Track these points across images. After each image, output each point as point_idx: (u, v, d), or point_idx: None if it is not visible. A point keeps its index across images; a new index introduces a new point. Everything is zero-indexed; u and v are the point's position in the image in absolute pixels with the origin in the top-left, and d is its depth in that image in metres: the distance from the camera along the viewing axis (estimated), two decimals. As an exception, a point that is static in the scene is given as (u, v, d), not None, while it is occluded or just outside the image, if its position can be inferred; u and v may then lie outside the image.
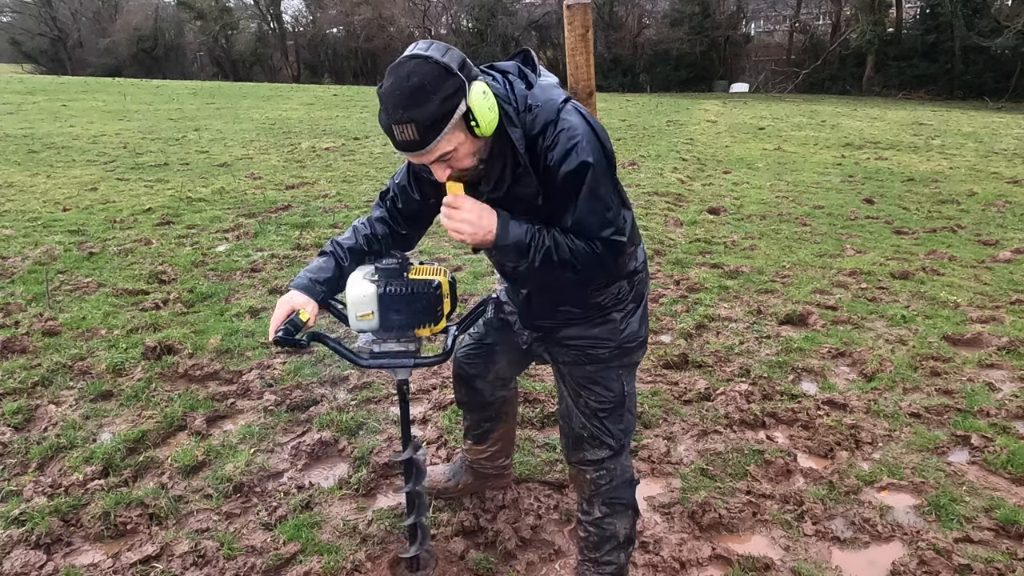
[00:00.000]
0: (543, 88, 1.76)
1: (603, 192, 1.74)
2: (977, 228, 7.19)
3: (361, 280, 1.88)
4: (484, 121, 1.60)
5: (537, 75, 1.80)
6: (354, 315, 1.88)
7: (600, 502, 2.13)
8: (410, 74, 1.55)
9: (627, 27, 39.85)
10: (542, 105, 1.71)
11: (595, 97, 2.17)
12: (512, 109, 1.69)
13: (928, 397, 3.55)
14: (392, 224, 2.06)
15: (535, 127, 1.70)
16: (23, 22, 51.95)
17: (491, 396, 2.46)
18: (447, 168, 1.68)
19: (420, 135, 1.57)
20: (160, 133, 13.42)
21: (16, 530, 2.42)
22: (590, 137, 1.71)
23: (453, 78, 1.56)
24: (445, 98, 1.55)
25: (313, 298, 1.92)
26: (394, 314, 1.87)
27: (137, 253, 5.68)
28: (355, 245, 2.02)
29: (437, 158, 1.64)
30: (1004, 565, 2.38)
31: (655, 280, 5.27)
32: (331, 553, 2.37)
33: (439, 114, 1.55)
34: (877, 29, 32.83)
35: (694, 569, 2.37)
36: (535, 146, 1.71)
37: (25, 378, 3.50)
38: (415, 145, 1.59)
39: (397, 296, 1.85)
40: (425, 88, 1.54)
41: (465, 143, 1.64)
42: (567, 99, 1.76)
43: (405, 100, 1.55)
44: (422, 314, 1.88)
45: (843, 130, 16.57)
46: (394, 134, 1.59)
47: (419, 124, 1.55)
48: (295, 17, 51.81)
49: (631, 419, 2.13)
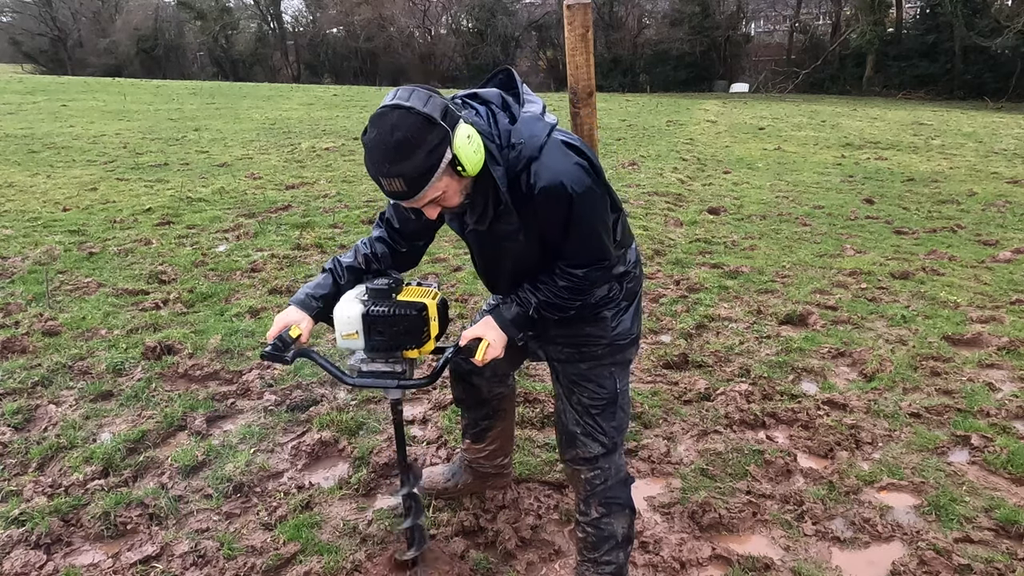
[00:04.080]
0: (526, 122, 1.76)
1: (589, 222, 1.79)
2: (977, 228, 7.19)
3: (350, 300, 1.91)
4: (470, 164, 1.64)
5: (520, 103, 1.81)
6: (340, 334, 1.90)
7: (596, 502, 2.14)
8: (394, 128, 1.57)
9: (627, 27, 39.83)
10: (525, 141, 1.73)
11: (595, 97, 2.17)
12: (496, 147, 1.72)
13: (928, 397, 3.55)
14: (391, 243, 2.09)
15: (518, 163, 1.73)
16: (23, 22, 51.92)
17: (488, 393, 2.47)
18: (438, 207, 1.74)
19: (408, 187, 1.61)
20: (160, 133, 13.42)
21: (16, 530, 2.42)
22: (573, 170, 1.73)
23: (436, 128, 1.58)
24: (430, 151, 1.58)
25: (308, 313, 1.96)
26: (377, 335, 1.89)
27: (137, 253, 5.68)
28: (353, 263, 2.05)
29: (427, 202, 1.68)
30: (1004, 565, 2.38)
31: (655, 280, 5.27)
32: (331, 553, 2.37)
33: (426, 166, 1.58)
34: (877, 29, 32.81)
35: (694, 569, 2.37)
36: (518, 182, 1.74)
37: (25, 378, 3.50)
38: (404, 195, 1.63)
39: (380, 317, 1.87)
40: (410, 142, 1.56)
41: (452, 185, 1.68)
42: (550, 131, 1.77)
43: (391, 155, 1.58)
44: (405, 336, 1.89)
45: (843, 130, 16.57)
46: (383, 185, 1.63)
47: (406, 178, 1.59)
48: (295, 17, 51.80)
49: (624, 417, 2.14)
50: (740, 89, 35.84)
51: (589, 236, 1.81)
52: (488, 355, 1.87)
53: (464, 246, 5.93)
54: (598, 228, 1.82)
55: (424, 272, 5.34)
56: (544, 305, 1.90)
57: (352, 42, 45.26)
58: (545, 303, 1.89)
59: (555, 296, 1.88)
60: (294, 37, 50.08)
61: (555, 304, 1.90)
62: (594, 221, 1.80)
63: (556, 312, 1.92)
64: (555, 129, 1.79)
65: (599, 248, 1.85)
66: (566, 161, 1.74)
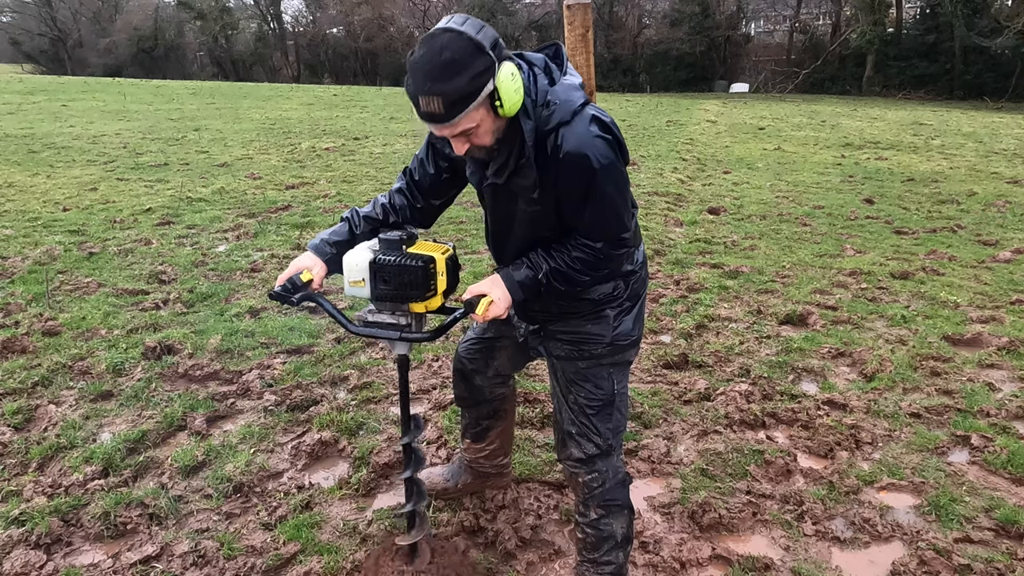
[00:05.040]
0: (564, 87, 1.76)
1: (610, 196, 1.77)
2: (977, 228, 7.18)
3: (362, 248, 1.93)
4: (509, 102, 1.64)
5: (563, 72, 1.81)
6: (347, 280, 1.92)
7: (595, 504, 2.14)
8: (443, 48, 1.57)
9: (627, 27, 39.84)
10: (560, 104, 1.73)
11: (595, 97, 2.17)
12: (530, 101, 1.71)
13: (928, 397, 3.55)
14: (409, 196, 2.10)
15: (548, 123, 1.72)
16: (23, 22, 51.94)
17: (490, 393, 2.47)
18: (466, 143, 1.72)
19: (445, 109, 1.59)
20: (160, 133, 13.42)
21: (16, 530, 2.42)
22: (599, 143, 1.73)
23: (484, 56, 1.58)
24: (474, 76, 1.57)
25: (321, 259, 2.00)
26: (382, 284, 1.89)
27: (137, 253, 5.68)
28: (371, 213, 2.08)
29: (459, 132, 1.67)
30: (1004, 565, 2.38)
31: (655, 280, 5.27)
32: (331, 553, 2.37)
33: (467, 91, 1.58)
34: (877, 29, 32.81)
35: (694, 569, 2.37)
36: (545, 143, 1.73)
37: (25, 378, 3.50)
38: (440, 118, 1.62)
39: (387, 266, 1.86)
40: (456, 63, 1.56)
41: (487, 120, 1.67)
42: (585, 102, 1.77)
43: (436, 73, 1.57)
44: (411, 288, 1.88)
45: (843, 130, 16.57)
46: (419, 105, 1.61)
47: (446, 98, 1.58)
48: (295, 17, 51.83)
49: (621, 419, 2.13)
50: (740, 89, 35.84)
51: (609, 211, 1.79)
52: (490, 312, 1.84)
53: (463, 246, 5.94)
54: (618, 204, 1.80)
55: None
56: (555, 272, 1.85)
57: (352, 42, 45.27)
58: (556, 270, 1.85)
59: (567, 265, 1.84)
60: (294, 37, 50.09)
61: (566, 274, 1.85)
62: (615, 195, 1.78)
63: (564, 283, 1.87)
64: (590, 103, 1.79)
65: (618, 224, 1.83)
66: (594, 132, 1.73)
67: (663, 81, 37.50)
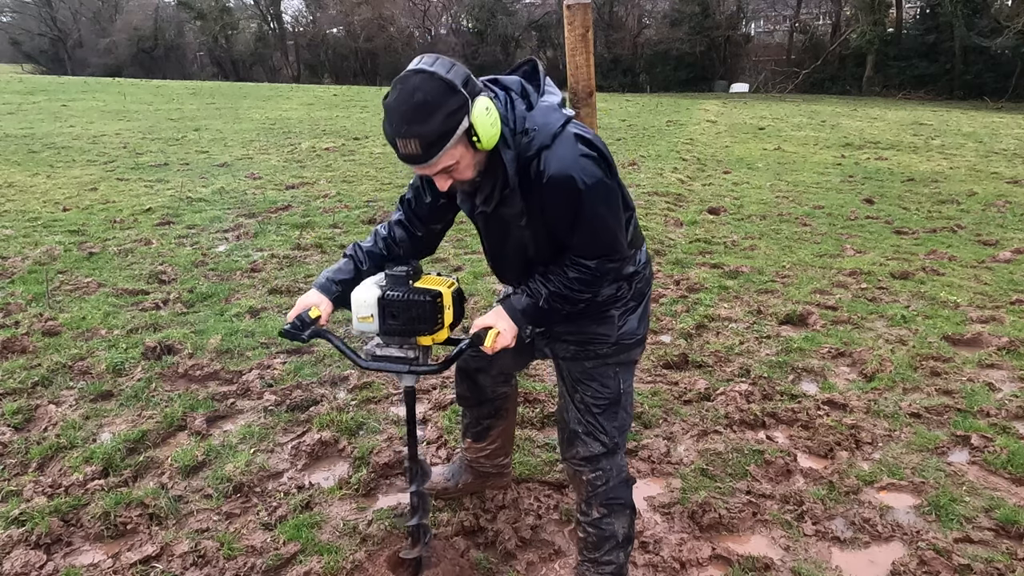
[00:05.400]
0: (543, 111, 1.78)
1: (600, 215, 1.79)
2: (977, 228, 7.18)
3: (368, 285, 1.95)
4: (486, 136, 1.65)
5: (541, 92, 1.82)
6: (356, 316, 1.94)
7: (598, 503, 2.14)
8: (415, 89, 1.59)
9: (627, 27, 39.85)
10: (539, 129, 1.74)
11: (595, 97, 2.17)
12: (508, 130, 1.73)
13: (928, 397, 3.55)
14: (409, 227, 2.11)
15: (530, 149, 1.74)
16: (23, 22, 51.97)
17: (492, 392, 2.47)
18: (448, 179, 1.74)
19: (423, 150, 1.61)
20: (160, 133, 13.42)
21: (16, 530, 2.42)
22: (584, 162, 1.73)
23: (457, 95, 1.60)
24: (448, 115, 1.59)
25: (327, 296, 2.00)
26: (391, 319, 1.92)
27: (137, 253, 5.68)
28: (373, 248, 2.09)
29: (439, 170, 1.69)
30: (1004, 565, 2.38)
31: (655, 280, 5.26)
32: (331, 553, 2.37)
33: (442, 130, 1.60)
34: (877, 29, 32.81)
35: (694, 569, 2.37)
36: (528, 169, 1.75)
37: (25, 378, 3.50)
38: (418, 159, 1.64)
39: (396, 302, 1.90)
40: (429, 104, 1.58)
41: (466, 156, 1.69)
42: (565, 123, 1.77)
43: (410, 115, 1.59)
44: (419, 322, 1.91)
45: (843, 130, 16.57)
46: (398, 147, 1.64)
47: (422, 139, 1.60)
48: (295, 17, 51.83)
49: (626, 417, 2.14)
50: (740, 89, 35.84)
51: (600, 229, 1.81)
52: (498, 344, 1.87)
53: (463, 246, 5.94)
54: (609, 221, 1.82)
55: (424, 271, 5.33)
56: (554, 296, 1.88)
57: (352, 42, 45.27)
58: (555, 294, 1.88)
59: (565, 287, 1.87)
60: (294, 37, 50.10)
61: (565, 295, 1.88)
62: (605, 214, 1.80)
63: (565, 304, 1.90)
64: (571, 122, 1.79)
65: (610, 240, 1.85)
66: (577, 153, 1.73)
67: (663, 81, 37.51)
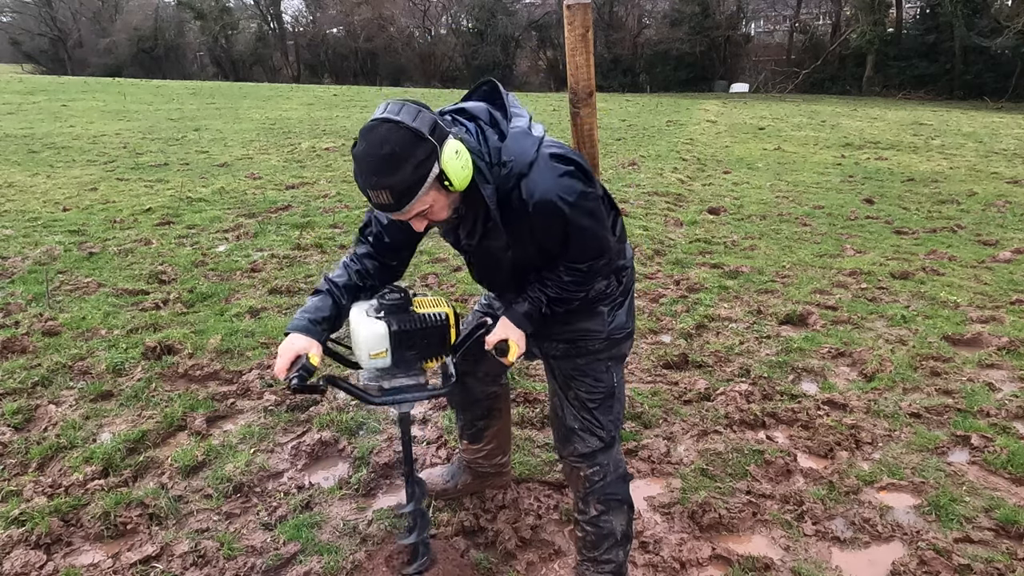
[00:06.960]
0: (515, 138, 1.78)
1: (587, 227, 1.82)
2: (977, 228, 7.18)
3: (369, 319, 1.86)
4: (458, 179, 1.66)
5: (508, 117, 1.82)
6: (366, 354, 1.85)
7: (595, 499, 2.15)
8: (382, 141, 1.59)
9: (627, 27, 39.87)
10: (515, 159, 1.75)
11: (595, 97, 2.16)
12: (485, 165, 1.73)
13: (928, 397, 3.55)
14: (380, 258, 2.05)
15: (509, 181, 1.75)
16: (23, 22, 51.94)
17: (481, 393, 2.47)
18: (425, 220, 1.76)
19: (395, 200, 1.62)
20: (160, 133, 13.42)
21: (16, 530, 2.42)
22: (564, 181, 1.76)
23: (424, 143, 1.60)
24: (417, 165, 1.59)
25: (316, 339, 1.88)
26: (407, 350, 1.88)
27: (137, 253, 5.68)
28: (349, 282, 2.00)
29: (415, 215, 1.70)
30: (1004, 565, 2.38)
31: (655, 280, 5.27)
32: (331, 553, 2.37)
33: (412, 179, 1.60)
34: (877, 29, 32.82)
35: (694, 569, 2.37)
36: (510, 198, 1.76)
37: (25, 378, 3.50)
38: (391, 207, 1.65)
39: (411, 332, 1.87)
40: (396, 156, 1.58)
41: (440, 199, 1.70)
42: (539, 146, 1.78)
43: (379, 167, 1.60)
44: (433, 347, 1.91)
45: (843, 130, 16.57)
46: (370, 197, 1.65)
47: (393, 190, 1.61)
48: (295, 17, 51.86)
49: (620, 409, 2.17)
50: (740, 89, 35.85)
51: (589, 239, 1.85)
52: (515, 354, 1.94)
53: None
54: (597, 230, 1.86)
55: (424, 273, 5.34)
56: (553, 301, 1.94)
57: (352, 42, 45.28)
58: (555, 299, 1.93)
59: (562, 291, 1.92)
60: (294, 37, 50.12)
61: (563, 298, 1.94)
62: (592, 224, 1.83)
63: (564, 305, 1.96)
64: (543, 142, 1.80)
65: (600, 245, 1.89)
66: (555, 174, 1.76)
67: (663, 81, 37.52)
